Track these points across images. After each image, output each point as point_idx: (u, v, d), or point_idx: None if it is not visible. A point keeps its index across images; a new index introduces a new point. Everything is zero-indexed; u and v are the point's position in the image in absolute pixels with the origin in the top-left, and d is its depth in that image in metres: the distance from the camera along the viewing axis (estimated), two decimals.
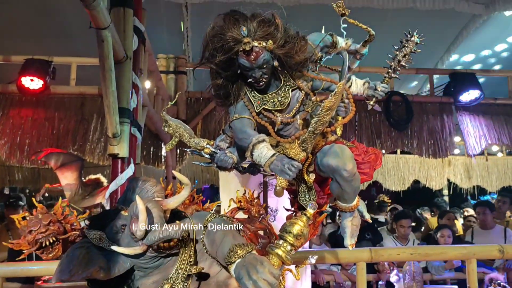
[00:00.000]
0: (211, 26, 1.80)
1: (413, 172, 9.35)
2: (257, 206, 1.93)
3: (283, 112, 1.92)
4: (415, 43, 2.01)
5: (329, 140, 1.92)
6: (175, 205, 1.64)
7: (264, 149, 1.69)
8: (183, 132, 1.90)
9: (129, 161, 3.18)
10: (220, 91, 1.91)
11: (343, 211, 1.93)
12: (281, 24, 1.80)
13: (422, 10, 7.86)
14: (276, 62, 1.81)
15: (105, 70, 2.71)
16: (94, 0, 2.30)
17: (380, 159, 2.05)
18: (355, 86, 2.09)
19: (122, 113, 3.04)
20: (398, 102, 6.57)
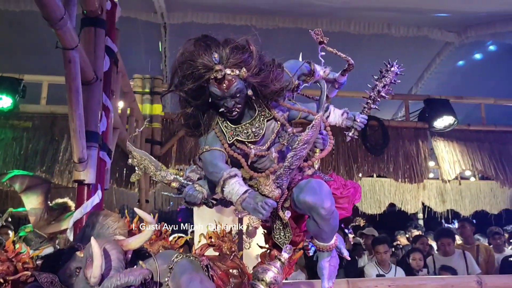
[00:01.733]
0: (181, 52, 1.69)
1: (388, 195, 9.35)
2: (229, 243, 1.81)
3: (257, 143, 1.81)
4: (395, 74, 1.95)
5: (306, 174, 1.82)
6: (137, 245, 1.50)
7: (236, 185, 1.57)
8: (148, 164, 1.77)
9: (96, 188, 3.00)
10: (189, 121, 1.79)
11: (320, 250, 1.82)
12: (256, 51, 1.70)
13: (396, 36, 8.02)
14: (250, 91, 1.71)
15: (72, 92, 2.56)
16: (60, 19, 2.17)
17: (359, 193, 1.96)
18: (333, 116, 2.01)
19: (90, 137, 2.87)
20: (374, 127, 6.59)
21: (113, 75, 3.45)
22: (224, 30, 5.66)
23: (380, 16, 7.74)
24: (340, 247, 1.95)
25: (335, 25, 8.11)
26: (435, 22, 7.97)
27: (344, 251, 1.97)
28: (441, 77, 9.34)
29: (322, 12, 7.71)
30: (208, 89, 1.69)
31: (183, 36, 1.93)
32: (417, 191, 9.02)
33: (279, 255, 1.45)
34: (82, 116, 2.68)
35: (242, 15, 7.99)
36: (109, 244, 1.43)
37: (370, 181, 8.92)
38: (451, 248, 5.46)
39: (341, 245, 1.96)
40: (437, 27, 8.15)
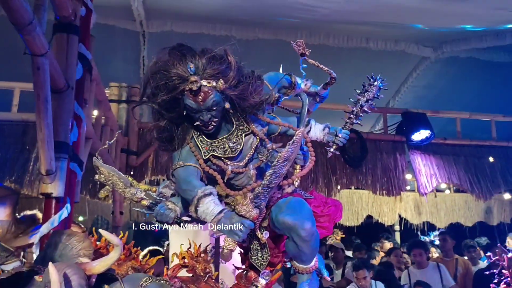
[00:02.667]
0: (154, 61, 1.59)
1: (366, 207, 9.42)
2: (204, 263, 1.70)
3: (235, 159, 1.72)
4: (378, 88, 1.90)
5: (285, 192, 1.74)
6: (102, 269, 1.39)
7: (211, 204, 1.48)
8: (116, 181, 1.66)
9: (65, 201, 2.86)
10: (163, 134, 1.68)
11: (299, 272, 1.74)
12: (234, 62, 1.61)
13: (375, 50, 8.12)
14: (227, 104, 1.62)
15: (40, 100, 2.43)
16: (28, 24, 2.05)
17: (341, 211, 1.89)
18: (314, 131, 1.94)
19: (59, 148, 2.74)
20: (353, 139, 6.58)
21: (87, 83, 3.33)
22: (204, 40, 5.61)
23: (359, 30, 7.82)
24: (320, 267, 1.87)
25: (315, 37, 8.15)
26: (412, 37, 8.10)
27: (324, 272, 1.89)
28: (417, 91, 9.48)
29: (302, 25, 7.73)
30: (182, 101, 1.60)
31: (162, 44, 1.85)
32: (394, 203, 9.10)
33: (256, 281, 1.36)
34: (51, 125, 2.55)
35: (222, 25, 7.94)
36: (70, 268, 1.32)
37: (348, 193, 8.94)
38: (423, 258, 5.50)
39: (321, 266, 1.89)
40: (414, 42, 8.28)
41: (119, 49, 8.10)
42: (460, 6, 6.22)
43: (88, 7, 3.30)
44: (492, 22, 6.94)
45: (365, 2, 6.51)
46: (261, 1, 6.98)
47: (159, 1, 7.06)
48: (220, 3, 7.05)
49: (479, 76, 8.61)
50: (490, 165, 6.92)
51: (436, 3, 6.19)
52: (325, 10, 6.80)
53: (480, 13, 6.55)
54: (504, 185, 6.92)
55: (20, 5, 1.93)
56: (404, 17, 7.28)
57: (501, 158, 6.98)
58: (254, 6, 7.18)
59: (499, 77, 8.42)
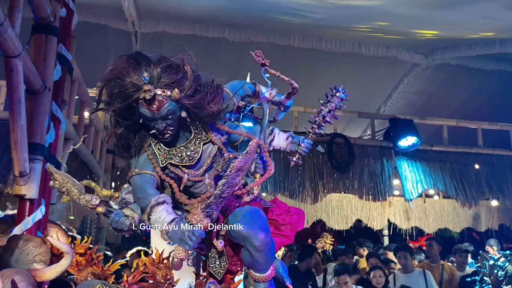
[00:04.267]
0: (110, 68, 1.59)
1: (355, 211, 9.39)
2: (165, 270, 1.70)
3: (193, 168, 1.71)
4: (340, 99, 1.91)
5: (243, 201, 1.74)
6: (53, 276, 1.38)
7: (163, 213, 1.48)
8: (71, 187, 1.66)
9: (40, 202, 2.84)
10: (120, 142, 1.68)
11: (256, 281, 1.74)
12: (191, 71, 1.61)
13: (366, 55, 8.13)
14: (183, 113, 1.62)
15: (14, 102, 2.42)
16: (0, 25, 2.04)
17: (303, 220, 1.89)
18: (277, 140, 1.94)
19: (34, 149, 2.73)
20: (340, 144, 6.61)
21: (66, 84, 3.31)
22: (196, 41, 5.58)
23: (351, 35, 7.85)
24: (283, 275, 1.88)
25: (307, 41, 8.17)
26: (403, 44, 8.13)
27: (286, 280, 1.89)
28: (408, 97, 9.52)
29: (294, 28, 7.75)
30: (137, 110, 1.60)
31: (154, 45, 1.84)
32: (383, 208, 9.11)
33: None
34: (24, 127, 2.54)
35: (215, 27, 7.94)
36: (19, 275, 1.31)
37: (338, 197, 8.94)
38: (408, 262, 5.52)
39: (284, 273, 1.89)
40: (406, 48, 8.31)
41: (111, 49, 8.07)
42: (448, 14, 6.26)
43: (69, 8, 3.28)
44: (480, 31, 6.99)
45: (355, 8, 6.53)
46: (254, 4, 6.99)
47: (151, 2, 7.05)
48: (212, 5, 7.05)
49: (467, 84, 8.67)
50: (475, 172, 6.96)
51: (424, 11, 6.22)
52: (317, 15, 6.82)
53: (468, 21, 6.60)
54: (489, 192, 6.97)
55: None
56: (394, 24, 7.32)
57: (486, 165, 7.03)
58: (246, 9, 7.19)
59: (487, 85, 8.48)
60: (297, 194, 6.40)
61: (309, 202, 6.56)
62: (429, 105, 9.20)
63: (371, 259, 6.16)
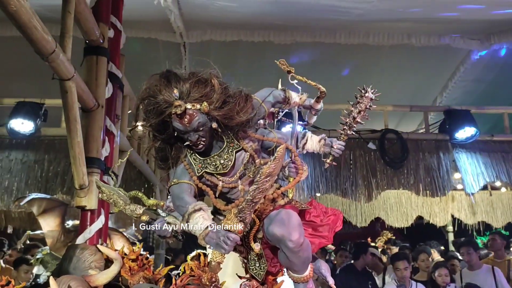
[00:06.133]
0: (144, 87, 1.71)
1: (416, 208, 9.12)
2: (210, 273, 1.79)
3: (227, 175, 1.79)
4: (370, 99, 1.90)
5: (278, 205, 1.79)
6: (105, 281, 1.51)
7: (200, 219, 1.56)
8: (117, 199, 1.79)
9: (99, 212, 3.05)
10: (158, 154, 1.80)
11: (295, 282, 1.78)
12: (218, 84, 1.70)
13: (418, 46, 7.85)
14: (214, 124, 1.71)
15: (70, 121, 2.63)
16: (51, 52, 2.24)
17: (341, 220, 1.90)
18: (310, 143, 1.97)
19: (91, 163, 2.94)
20: (392, 140, 6.46)
21: (118, 100, 3.53)
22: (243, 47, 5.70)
23: (400, 27, 7.61)
24: (325, 275, 1.90)
25: (354, 37, 8.03)
26: (457, 30, 7.77)
27: (329, 280, 1.91)
28: (466, 86, 9.08)
29: (339, 25, 7.65)
30: (171, 124, 1.71)
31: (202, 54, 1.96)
32: (445, 203, 8.76)
33: None
34: (81, 143, 2.75)
35: (260, 31, 8.01)
36: (74, 281, 1.45)
37: (396, 193, 8.72)
38: (472, 257, 5.27)
39: (326, 273, 1.91)
40: (459, 35, 7.94)
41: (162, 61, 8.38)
42: None
43: (117, 28, 3.50)
44: None
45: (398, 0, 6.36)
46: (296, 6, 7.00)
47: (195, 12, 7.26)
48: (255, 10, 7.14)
49: None
50: None
51: None
52: (359, 10, 6.71)
53: None
54: None
55: (41, 37, 2.12)
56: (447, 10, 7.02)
57: None
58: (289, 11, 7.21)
59: None
60: (350, 193, 6.32)
61: (363, 201, 6.45)
62: (488, 93, 8.72)
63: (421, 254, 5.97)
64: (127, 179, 5.63)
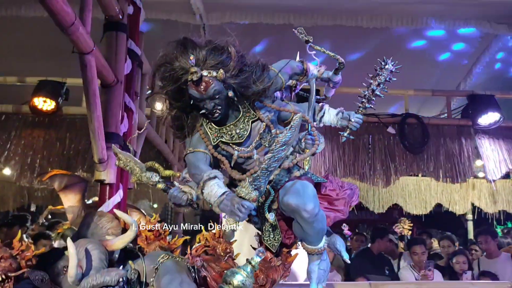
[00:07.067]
0: (161, 55, 1.71)
1: (435, 195, 8.98)
2: (225, 244, 1.80)
3: (243, 145, 1.79)
4: (389, 71, 1.86)
5: (293, 176, 1.78)
6: (121, 245, 1.54)
7: (215, 187, 1.57)
8: (133, 166, 1.80)
9: (118, 187, 3.10)
10: (174, 123, 1.81)
11: (309, 253, 1.78)
12: (235, 52, 1.68)
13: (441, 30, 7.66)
14: (230, 93, 1.70)
15: (89, 95, 2.66)
16: (71, 25, 2.26)
17: (357, 195, 1.89)
18: (327, 116, 1.95)
19: (110, 138, 2.98)
20: (413, 125, 6.35)
21: (137, 77, 3.55)
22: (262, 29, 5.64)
23: (423, 10, 7.42)
24: (340, 249, 1.89)
25: (376, 20, 7.86)
26: (483, 14, 7.54)
27: (344, 254, 1.91)
28: (490, 72, 8.85)
29: (361, 8, 7.51)
30: (187, 91, 1.70)
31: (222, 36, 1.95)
32: (466, 191, 8.61)
33: (250, 259, 1.43)
34: (100, 117, 2.78)
35: (280, 13, 7.92)
36: (92, 244, 1.48)
37: (415, 180, 8.61)
38: (490, 246, 5.24)
39: (341, 248, 1.90)
40: (486, 19, 7.70)
41: None
42: None
43: (136, 5, 3.50)
44: None
45: None
46: None
47: None
48: None
49: None
50: None
51: None
52: None
53: None
54: None
55: (61, 8, 2.14)
56: None
57: None
58: None
59: None
60: (367, 177, 6.25)
61: (380, 185, 6.39)
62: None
63: (443, 241, 5.93)
64: (145, 158, 5.64)
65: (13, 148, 5.92)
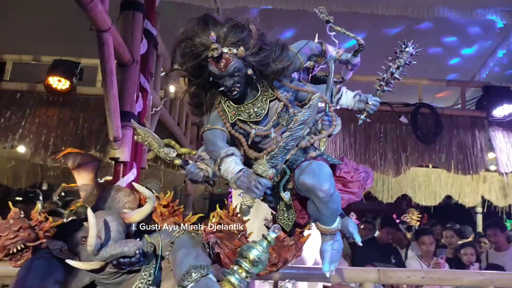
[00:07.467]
0: (182, 31, 1.71)
1: (445, 187, 8.95)
2: (238, 222, 1.83)
3: (260, 124, 1.80)
4: (410, 54, 1.84)
5: (309, 156, 1.79)
6: (138, 218, 1.56)
7: (232, 164, 1.58)
8: (152, 141, 1.82)
9: (132, 166, 3.14)
10: (193, 100, 1.82)
11: (323, 233, 1.79)
12: (255, 30, 1.68)
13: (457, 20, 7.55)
14: (249, 71, 1.70)
15: (106, 73, 2.68)
16: (90, 1, 2.26)
17: (371, 178, 1.89)
18: (345, 98, 1.94)
19: (125, 117, 3.00)
20: (426, 115, 6.30)
21: (152, 58, 3.56)
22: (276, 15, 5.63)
23: None
24: (352, 232, 1.91)
25: (392, 8, 7.77)
26: (500, 3, 7.40)
27: (356, 237, 1.92)
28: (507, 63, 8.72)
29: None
30: (207, 68, 1.71)
31: None
32: (476, 184, 8.57)
33: (266, 234, 1.45)
34: (116, 96, 2.80)
35: None
36: (110, 216, 1.51)
37: (425, 171, 8.58)
38: (499, 239, 5.24)
39: (353, 230, 1.92)
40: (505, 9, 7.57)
41: None
42: None
43: None
44: None
45: None
46: None
47: None
48: None
49: None
50: None
51: None
52: None
53: None
54: None
55: None
56: None
57: None
58: None
59: None
60: (378, 166, 6.24)
61: (391, 175, 6.37)
62: None
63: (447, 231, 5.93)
64: None
65: (28, 126, 6.00)
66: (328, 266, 1.79)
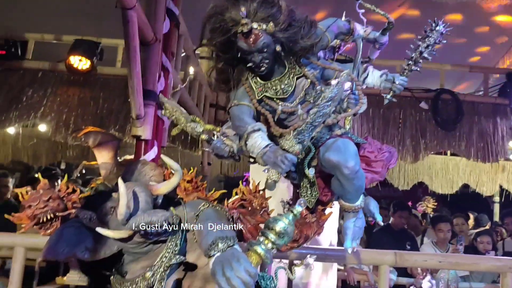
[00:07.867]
0: (212, 6, 1.72)
1: (463, 175, 8.85)
2: (261, 198, 1.85)
3: (287, 100, 1.81)
4: (440, 33, 1.82)
5: (334, 134, 1.80)
6: (166, 190, 1.60)
7: (258, 139, 1.60)
8: (179, 115, 1.85)
9: (153, 144, 3.18)
10: (220, 76, 1.83)
11: (345, 211, 1.81)
12: (285, 6, 1.68)
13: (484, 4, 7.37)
14: (278, 47, 1.71)
15: (130, 52, 2.70)
16: None
17: (395, 158, 1.90)
18: (371, 77, 1.94)
19: (148, 95, 3.03)
20: (447, 101, 6.21)
21: (174, 37, 3.56)
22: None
23: None
24: (373, 211, 1.92)
25: None
26: None
27: (377, 216, 1.93)
28: None
29: None
30: (236, 44, 1.72)
31: None
32: (495, 173, 8.45)
33: (292, 208, 1.47)
34: (139, 74, 2.82)
35: None
36: (138, 187, 1.55)
37: (443, 159, 8.49)
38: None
39: (374, 210, 1.93)
40: None
41: None
42: None
43: None
44: None
45: None
46: None
47: None
48: None
49: None
50: None
51: None
52: None
53: None
54: None
55: None
56: None
57: None
58: None
59: None
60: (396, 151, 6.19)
61: (409, 161, 6.33)
62: None
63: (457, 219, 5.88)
64: None
65: (49, 104, 6.10)
66: (351, 243, 1.81)
